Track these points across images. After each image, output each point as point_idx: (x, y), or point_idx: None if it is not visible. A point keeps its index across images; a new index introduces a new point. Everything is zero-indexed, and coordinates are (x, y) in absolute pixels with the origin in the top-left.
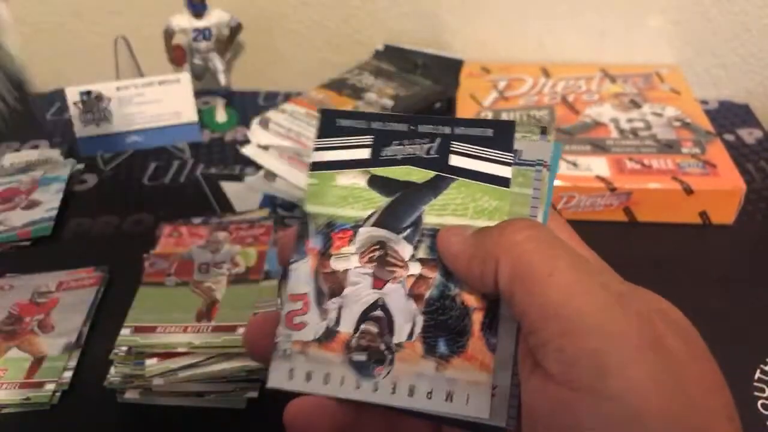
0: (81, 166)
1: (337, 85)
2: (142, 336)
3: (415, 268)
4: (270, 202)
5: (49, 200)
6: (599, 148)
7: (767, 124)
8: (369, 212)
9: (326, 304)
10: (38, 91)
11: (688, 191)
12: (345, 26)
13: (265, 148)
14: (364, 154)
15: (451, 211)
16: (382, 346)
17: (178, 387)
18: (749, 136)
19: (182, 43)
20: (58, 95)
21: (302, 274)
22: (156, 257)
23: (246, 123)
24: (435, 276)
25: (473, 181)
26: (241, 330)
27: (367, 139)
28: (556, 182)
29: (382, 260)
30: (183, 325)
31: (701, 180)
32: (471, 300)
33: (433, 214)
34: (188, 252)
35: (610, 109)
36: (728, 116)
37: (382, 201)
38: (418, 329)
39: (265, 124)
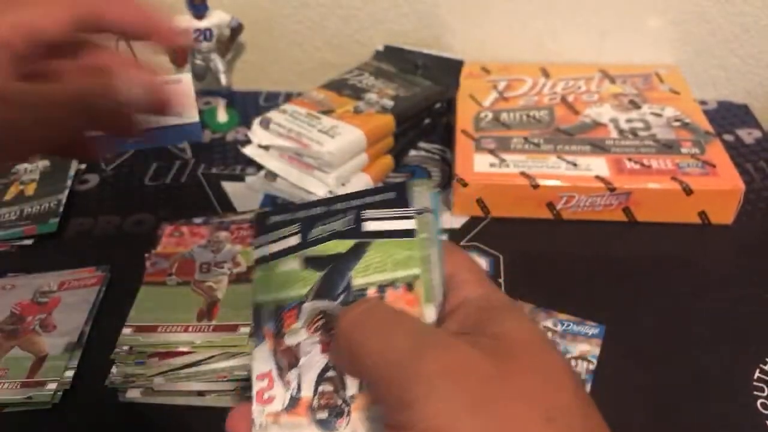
0: (83, 166)
1: (338, 86)
2: (144, 335)
3: None
4: (271, 201)
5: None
6: (599, 148)
7: (766, 125)
8: (308, 288)
9: (287, 376)
10: None
11: (688, 191)
12: (345, 27)
13: (266, 148)
14: (295, 240)
15: (374, 269)
16: (339, 401)
17: (179, 386)
18: (748, 136)
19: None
20: None
21: (264, 355)
22: (157, 257)
23: (247, 123)
24: None
25: (386, 239)
26: (242, 329)
27: (295, 228)
28: (556, 182)
29: (325, 327)
30: (184, 325)
31: (700, 180)
32: None
33: (359, 276)
34: (189, 252)
35: (609, 109)
36: (727, 116)
37: (317, 276)
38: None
39: (266, 125)
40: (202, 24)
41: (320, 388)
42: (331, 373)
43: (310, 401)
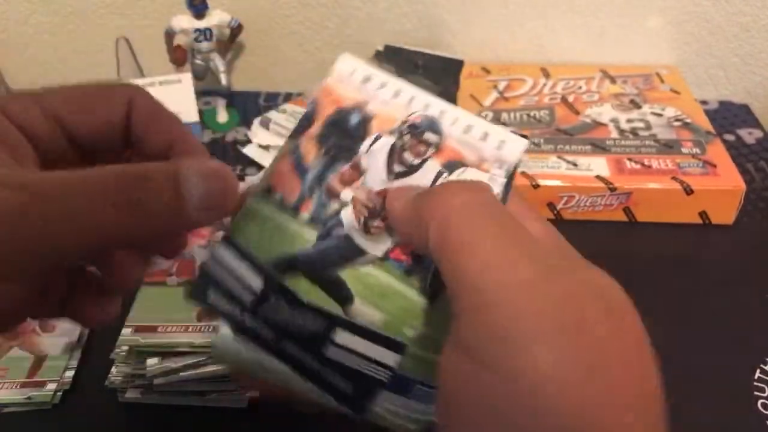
0: None
1: None
2: (143, 335)
3: None
4: None
5: None
6: (599, 148)
7: (767, 124)
8: None
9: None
10: None
11: (688, 191)
12: (345, 27)
13: (266, 148)
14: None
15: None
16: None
17: (179, 386)
18: (749, 136)
19: (183, 44)
20: None
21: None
22: None
23: (247, 123)
24: None
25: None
26: None
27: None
28: (556, 182)
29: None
30: (184, 325)
31: (701, 180)
32: None
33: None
34: (189, 252)
35: (610, 109)
36: (728, 116)
37: None
38: None
39: (265, 125)
40: (202, 24)
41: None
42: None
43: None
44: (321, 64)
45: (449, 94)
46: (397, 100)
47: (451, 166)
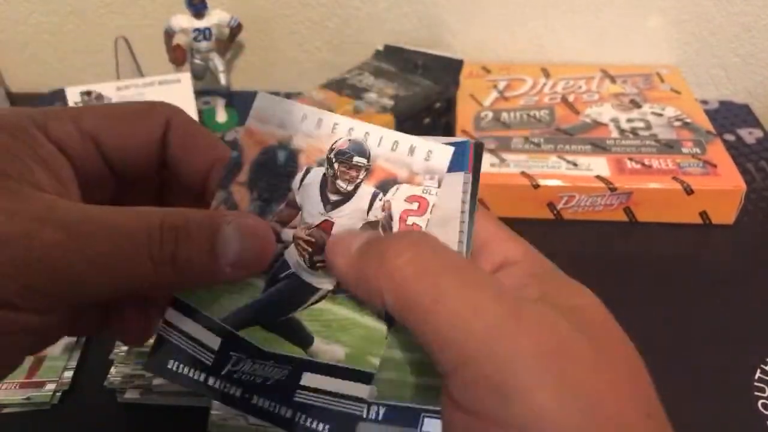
0: None
1: (337, 86)
2: None
3: None
4: None
5: None
6: (599, 148)
7: (767, 124)
8: None
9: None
10: (39, 91)
11: (689, 191)
12: (345, 27)
13: None
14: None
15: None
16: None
17: (178, 386)
18: (749, 135)
19: (182, 43)
20: (59, 95)
21: None
22: None
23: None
24: None
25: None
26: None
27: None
28: (556, 182)
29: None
30: None
31: (701, 180)
32: None
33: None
34: None
35: (610, 109)
36: (728, 116)
37: None
38: None
39: None
40: (202, 23)
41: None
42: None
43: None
44: (321, 64)
45: (449, 94)
46: (320, 130)
47: (385, 185)
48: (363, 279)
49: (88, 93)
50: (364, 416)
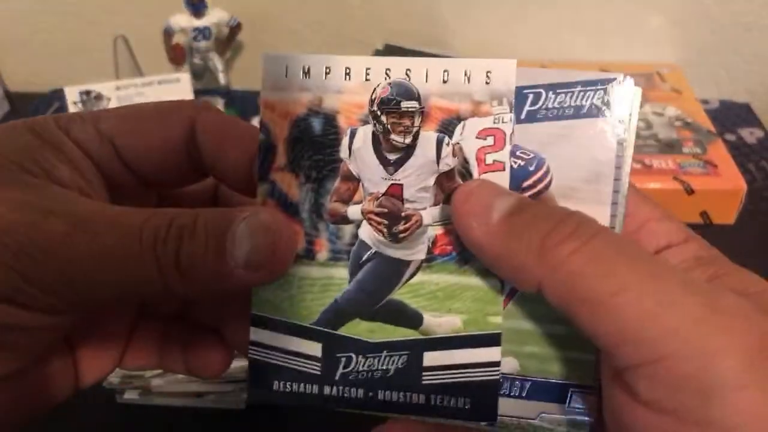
0: None
1: None
2: None
3: None
4: None
5: None
6: None
7: None
8: None
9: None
10: (38, 91)
11: (689, 191)
12: (345, 26)
13: None
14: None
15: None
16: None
17: (177, 387)
18: (750, 135)
19: (182, 43)
20: (58, 95)
21: None
22: None
23: None
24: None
25: None
26: None
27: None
28: None
29: None
30: None
31: (702, 180)
32: None
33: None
34: None
35: None
36: (729, 116)
37: None
38: None
39: None
40: (201, 22)
41: None
42: None
43: None
44: None
45: None
46: (351, 81)
47: (448, 126)
48: (510, 261)
49: (88, 92)
50: (508, 392)
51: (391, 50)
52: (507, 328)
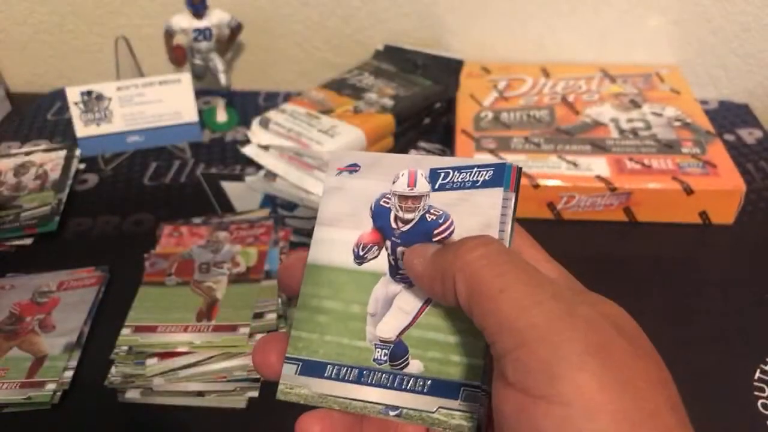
0: (82, 165)
1: (337, 85)
2: (143, 335)
3: None
4: (270, 202)
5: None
6: (599, 148)
7: (767, 124)
8: None
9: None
10: (39, 91)
11: (688, 191)
12: (345, 26)
13: (266, 148)
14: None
15: None
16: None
17: (178, 386)
18: (749, 136)
19: (183, 43)
20: (59, 95)
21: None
22: (156, 257)
23: (246, 123)
24: None
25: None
26: (241, 330)
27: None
28: (556, 182)
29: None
30: (183, 325)
31: (701, 180)
32: None
33: None
34: (189, 252)
35: (610, 109)
36: (728, 116)
37: None
38: None
39: (265, 124)
40: (202, 23)
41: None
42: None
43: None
44: (321, 63)
45: (449, 94)
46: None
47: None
48: (438, 273)
49: (89, 93)
50: (413, 389)
51: (391, 50)
52: (416, 337)
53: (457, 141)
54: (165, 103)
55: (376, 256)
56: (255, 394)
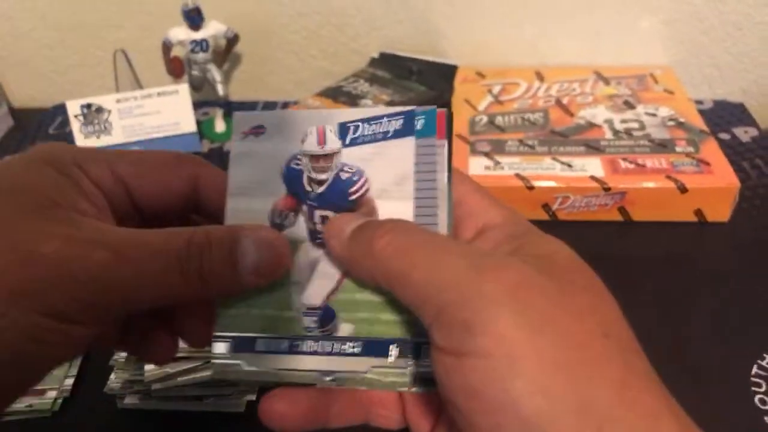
0: None
1: (333, 93)
2: None
3: None
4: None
5: None
6: (593, 149)
7: (762, 122)
8: None
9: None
10: (41, 106)
11: (683, 189)
12: (340, 35)
13: None
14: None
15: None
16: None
17: (177, 391)
18: (744, 134)
19: (180, 55)
20: (61, 110)
21: None
22: None
23: None
24: None
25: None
26: None
27: None
28: (551, 183)
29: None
30: None
31: (695, 178)
32: None
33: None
34: None
35: (604, 110)
36: (723, 115)
37: None
38: None
39: None
40: (198, 35)
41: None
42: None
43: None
44: (317, 72)
45: (444, 99)
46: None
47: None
48: (354, 258)
49: (89, 106)
50: (347, 352)
51: (386, 57)
52: (343, 299)
53: (453, 145)
54: (164, 114)
55: (293, 223)
56: (253, 397)
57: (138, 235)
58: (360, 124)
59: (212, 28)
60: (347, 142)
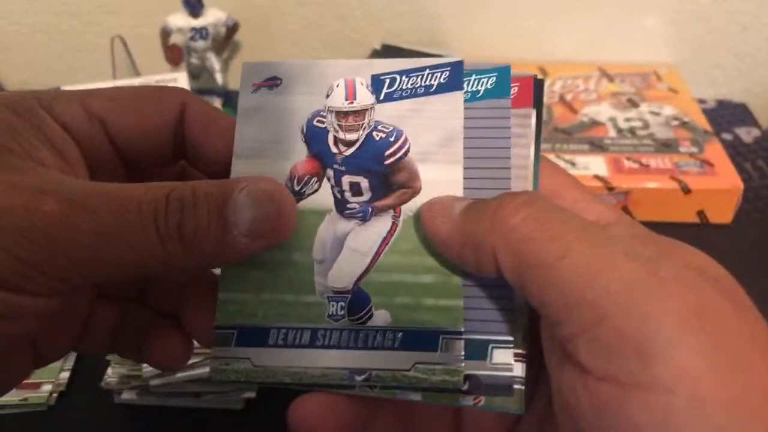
0: None
1: None
2: None
3: None
4: None
5: None
6: (597, 147)
7: (765, 123)
8: None
9: None
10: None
11: (686, 190)
12: (342, 26)
13: None
14: None
15: None
16: None
17: (175, 387)
18: (747, 135)
19: (179, 43)
20: None
21: None
22: None
23: None
24: None
25: None
26: None
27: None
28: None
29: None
30: None
31: (699, 179)
32: None
33: None
34: None
35: (608, 108)
36: (726, 115)
37: None
38: None
39: None
40: (198, 22)
41: None
42: None
43: None
44: None
45: None
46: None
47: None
48: (470, 240)
49: None
50: (382, 345)
51: (388, 50)
52: (378, 281)
53: None
54: None
55: (316, 190)
56: (252, 394)
57: (105, 187)
58: (397, 76)
59: (212, 16)
60: (381, 97)
